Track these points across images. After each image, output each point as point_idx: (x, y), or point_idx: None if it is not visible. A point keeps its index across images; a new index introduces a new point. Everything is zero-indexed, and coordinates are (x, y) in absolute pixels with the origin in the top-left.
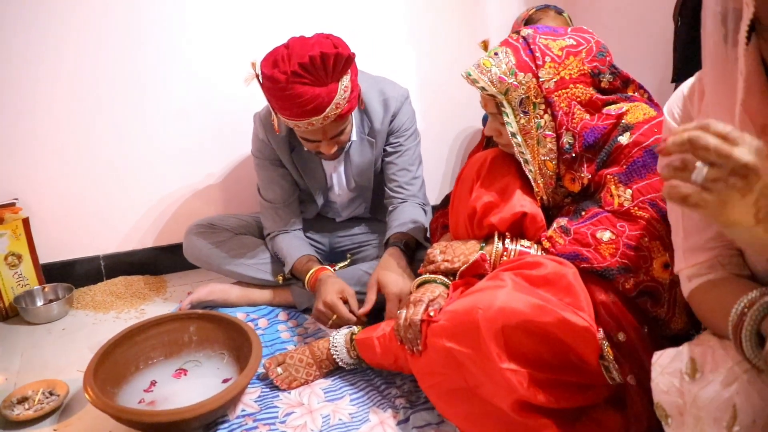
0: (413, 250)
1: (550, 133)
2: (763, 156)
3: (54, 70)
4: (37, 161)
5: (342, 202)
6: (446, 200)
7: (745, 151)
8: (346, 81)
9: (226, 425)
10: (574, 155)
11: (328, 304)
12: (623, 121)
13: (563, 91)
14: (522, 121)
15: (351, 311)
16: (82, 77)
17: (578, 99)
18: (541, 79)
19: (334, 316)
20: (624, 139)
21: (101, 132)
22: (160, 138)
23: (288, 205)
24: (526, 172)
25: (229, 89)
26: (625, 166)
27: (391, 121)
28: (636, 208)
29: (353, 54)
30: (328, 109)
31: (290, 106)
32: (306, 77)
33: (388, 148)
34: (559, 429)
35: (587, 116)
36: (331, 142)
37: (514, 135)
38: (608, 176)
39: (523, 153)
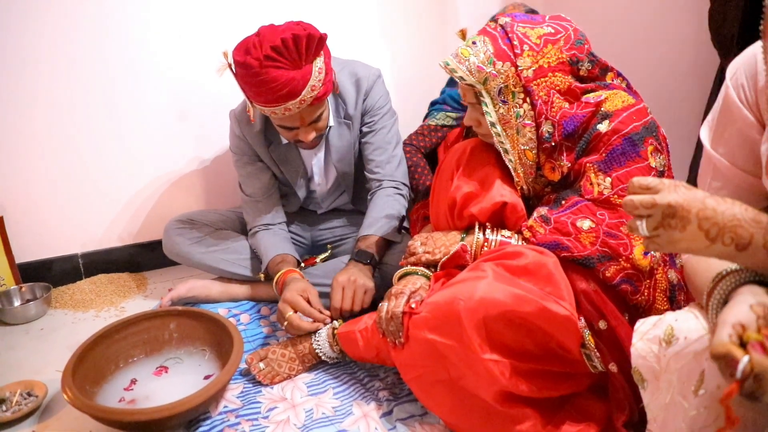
0: (381, 255)
1: (529, 122)
2: (684, 190)
3: (25, 71)
4: (11, 160)
5: (323, 192)
6: (426, 191)
7: (665, 193)
8: (319, 63)
9: (208, 422)
10: (553, 144)
11: (288, 300)
12: (602, 109)
13: (542, 79)
14: (501, 110)
15: (317, 309)
16: (55, 77)
17: (557, 87)
18: (519, 68)
19: (289, 313)
20: (603, 127)
21: (76, 130)
22: (137, 135)
23: (268, 198)
24: (506, 162)
25: (206, 84)
26: (604, 154)
27: (364, 100)
28: (615, 196)
29: (325, 35)
30: (303, 92)
31: (265, 91)
32: (279, 60)
33: (364, 129)
34: (542, 418)
35: (566, 105)
36: (309, 128)
37: (493, 125)
38: (587, 164)
39: (502, 143)
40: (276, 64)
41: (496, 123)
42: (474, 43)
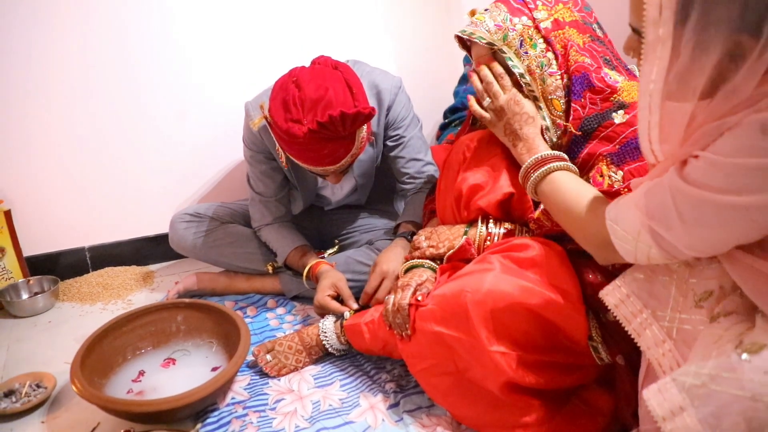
0: None
1: (554, 70)
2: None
3: (34, 64)
4: (19, 152)
5: (337, 199)
6: (434, 187)
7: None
8: (363, 131)
9: (216, 413)
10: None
11: (317, 306)
12: (619, 98)
13: (560, 32)
14: (526, 61)
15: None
16: (63, 71)
17: (574, 41)
18: (537, 20)
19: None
20: (618, 117)
21: (84, 123)
22: (143, 128)
23: (279, 200)
24: (539, 121)
25: (212, 79)
26: (617, 146)
27: (387, 114)
28: (626, 190)
29: (374, 111)
30: (344, 160)
31: (306, 157)
32: (324, 133)
33: (389, 143)
34: (548, 410)
35: (585, 59)
36: (340, 174)
37: (522, 75)
38: (600, 155)
39: (532, 90)
40: (321, 135)
41: (525, 73)
42: (487, 10)
